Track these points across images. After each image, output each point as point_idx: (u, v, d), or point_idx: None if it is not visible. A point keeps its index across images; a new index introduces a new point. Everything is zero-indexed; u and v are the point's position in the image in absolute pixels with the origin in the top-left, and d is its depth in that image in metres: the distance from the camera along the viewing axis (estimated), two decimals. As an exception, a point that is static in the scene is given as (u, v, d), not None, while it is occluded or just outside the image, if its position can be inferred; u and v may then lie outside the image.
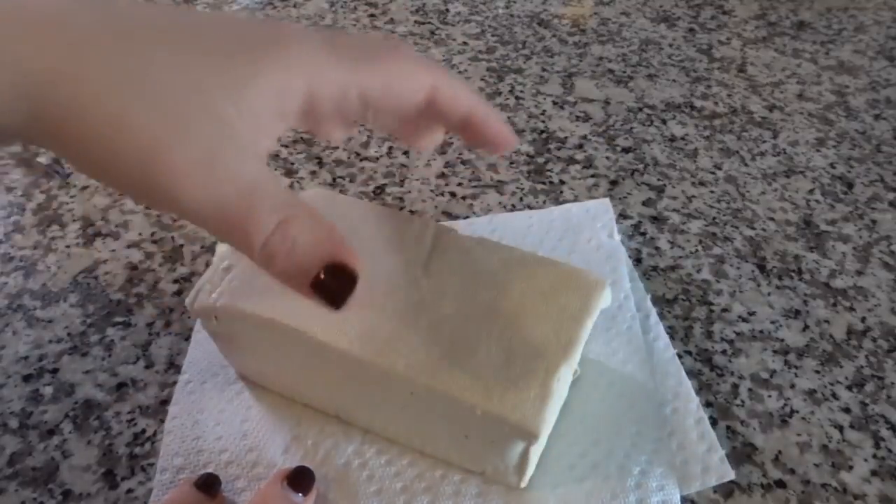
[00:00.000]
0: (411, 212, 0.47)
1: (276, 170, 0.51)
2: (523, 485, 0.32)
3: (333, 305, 0.24)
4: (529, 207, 0.48)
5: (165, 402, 0.36)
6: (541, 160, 0.52)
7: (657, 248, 0.45)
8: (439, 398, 0.29)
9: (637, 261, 0.44)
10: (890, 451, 0.35)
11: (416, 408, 0.31)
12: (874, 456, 0.35)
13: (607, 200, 0.48)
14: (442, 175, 0.50)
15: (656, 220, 0.48)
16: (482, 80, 0.60)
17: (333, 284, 0.24)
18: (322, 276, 0.23)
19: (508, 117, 0.56)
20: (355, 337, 0.30)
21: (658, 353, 0.38)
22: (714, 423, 0.36)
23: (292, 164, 0.51)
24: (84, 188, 0.49)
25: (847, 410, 0.37)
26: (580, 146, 0.54)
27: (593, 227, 0.45)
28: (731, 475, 0.33)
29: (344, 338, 0.30)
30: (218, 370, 0.37)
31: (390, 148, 0.53)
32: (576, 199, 0.49)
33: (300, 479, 0.31)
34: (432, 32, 0.67)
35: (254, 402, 0.36)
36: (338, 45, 0.26)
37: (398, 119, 0.29)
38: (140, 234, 0.45)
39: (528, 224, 0.46)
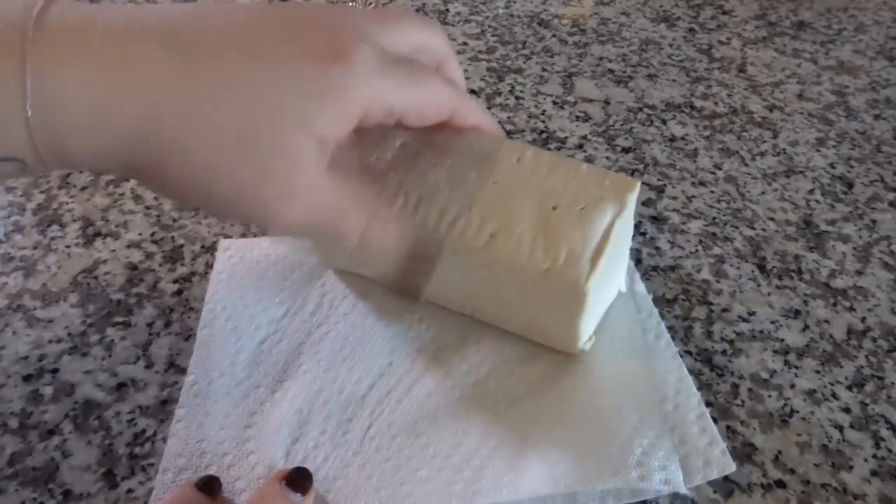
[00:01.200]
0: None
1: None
2: (580, 345, 0.36)
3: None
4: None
5: (165, 402, 0.36)
6: (541, 160, 0.52)
7: (657, 248, 0.45)
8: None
9: (637, 261, 0.44)
10: (890, 451, 0.35)
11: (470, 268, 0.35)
12: (874, 456, 0.35)
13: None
14: (442, 175, 0.50)
15: (656, 220, 0.48)
16: (482, 79, 0.60)
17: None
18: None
19: (508, 117, 0.56)
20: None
21: (659, 352, 0.38)
22: (714, 423, 0.36)
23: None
24: (84, 188, 0.49)
25: (847, 410, 0.37)
26: (580, 146, 0.54)
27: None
28: (732, 467, 0.33)
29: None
30: (224, 369, 0.37)
31: (390, 148, 0.53)
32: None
33: (298, 479, 0.31)
34: (432, 32, 0.67)
35: (258, 406, 0.36)
36: (391, 65, 0.28)
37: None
38: (140, 234, 0.45)
39: None
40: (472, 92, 0.59)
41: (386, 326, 0.39)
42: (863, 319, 0.42)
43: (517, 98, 0.58)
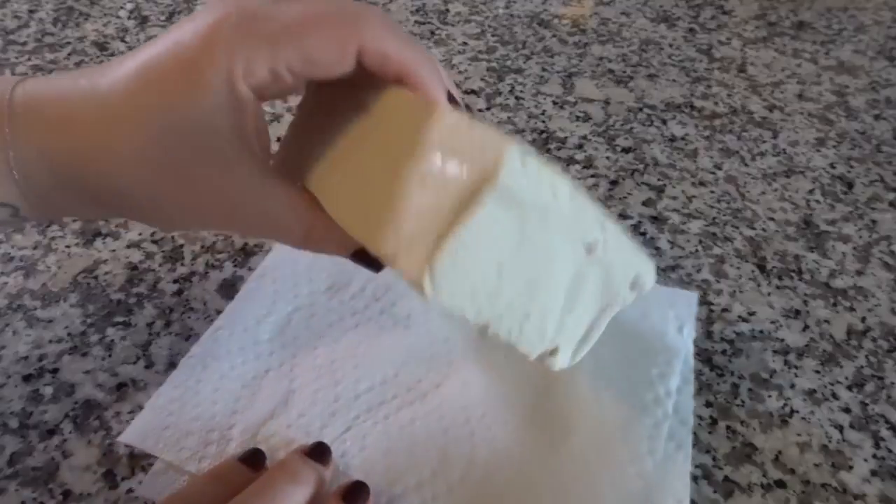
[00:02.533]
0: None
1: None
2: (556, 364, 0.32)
3: (374, 270, 0.31)
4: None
5: (165, 402, 0.36)
6: (541, 160, 0.52)
7: (657, 248, 0.45)
8: None
9: (637, 261, 0.44)
10: (890, 451, 0.35)
11: None
12: (874, 456, 0.35)
13: (695, 296, 0.42)
14: (442, 175, 0.50)
15: (656, 220, 0.48)
16: (482, 80, 0.60)
17: (364, 260, 0.30)
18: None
19: (508, 117, 0.56)
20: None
21: (675, 466, 0.33)
22: (714, 422, 0.36)
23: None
24: (84, 188, 0.49)
25: (847, 410, 0.37)
26: (580, 146, 0.54)
27: (664, 313, 0.40)
28: None
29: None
30: (249, 326, 0.39)
31: (390, 148, 0.53)
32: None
33: (318, 450, 0.32)
34: (432, 32, 0.67)
35: (263, 371, 0.37)
36: (252, 23, 0.26)
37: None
38: (140, 234, 0.45)
39: None
40: (472, 92, 0.59)
41: (406, 336, 0.38)
42: (863, 319, 0.42)
43: (517, 98, 0.58)
